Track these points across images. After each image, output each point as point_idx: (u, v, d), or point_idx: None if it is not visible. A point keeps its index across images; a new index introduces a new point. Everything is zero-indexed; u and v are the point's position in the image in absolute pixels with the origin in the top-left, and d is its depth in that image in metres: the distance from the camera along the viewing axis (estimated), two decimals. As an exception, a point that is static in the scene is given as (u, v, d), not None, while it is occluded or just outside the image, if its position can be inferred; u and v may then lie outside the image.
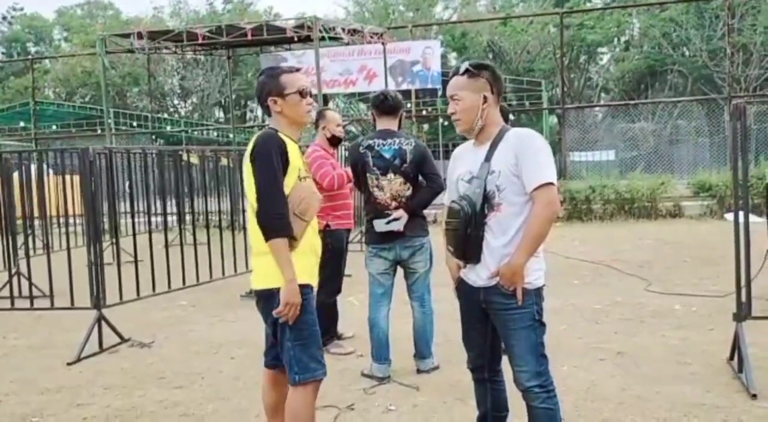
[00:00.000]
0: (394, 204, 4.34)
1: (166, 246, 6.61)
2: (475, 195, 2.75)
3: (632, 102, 25.80)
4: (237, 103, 33.87)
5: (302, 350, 2.88)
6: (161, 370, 4.97)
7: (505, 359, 2.98)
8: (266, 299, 2.90)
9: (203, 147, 12.85)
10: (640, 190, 13.86)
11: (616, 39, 40.75)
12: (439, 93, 20.58)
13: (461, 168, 2.92)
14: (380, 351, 4.45)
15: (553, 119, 30.69)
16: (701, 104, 24.36)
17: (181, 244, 6.86)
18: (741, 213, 4.34)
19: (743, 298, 4.32)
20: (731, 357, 4.53)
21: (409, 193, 4.36)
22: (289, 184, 2.86)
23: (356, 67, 16.41)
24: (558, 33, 20.16)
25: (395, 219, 4.29)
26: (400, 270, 4.56)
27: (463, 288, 2.95)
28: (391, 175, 4.33)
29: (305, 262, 2.93)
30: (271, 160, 2.81)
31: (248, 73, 39.60)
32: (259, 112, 47.98)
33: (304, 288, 2.87)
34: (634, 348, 5.05)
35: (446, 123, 33.67)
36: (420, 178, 4.41)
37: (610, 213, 14.02)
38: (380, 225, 4.29)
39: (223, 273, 7.23)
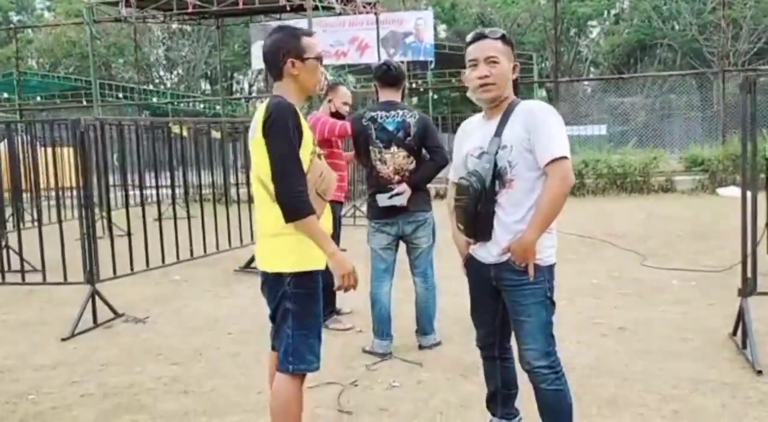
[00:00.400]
0: (397, 178, 4.25)
1: (159, 219, 6.51)
2: (484, 170, 2.67)
3: (625, 76, 25.62)
4: (224, 75, 33.39)
5: (302, 340, 2.73)
6: (158, 346, 4.89)
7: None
8: (273, 281, 2.75)
9: (194, 119, 12.65)
10: (632, 164, 13.83)
11: (606, 12, 40.54)
12: (431, 65, 20.36)
13: (470, 143, 2.82)
14: (382, 326, 4.39)
15: (542, 93, 30.54)
16: (692, 78, 24.28)
17: (174, 218, 6.79)
18: (745, 191, 4.29)
19: (749, 274, 4.28)
20: (734, 333, 4.50)
21: (412, 166, 4.27)
22: (305, 159, 2.67)
23: (347, 38, 16.14)
24: (548, 5, 19.95)
25: (398, 194, 4.21)
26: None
27: (472, 265, 2.87)
28: (394, 149, 4.24)
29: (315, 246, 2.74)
30: (288, 133, 2.59)
31: (235, 45, 39.10)
32: (246, 84, 47.67)
33: (315, 275, 2.74)
34: (634, 323, 5.02)
35: (435, 96, 33.52)
36: (423, 151, 4.32)
37: (602, 187, 14.00)
38: (383, 200, 4.21)
39: (218, 248, 7.15)
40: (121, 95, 31.73)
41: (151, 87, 37.33)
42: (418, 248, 4.40)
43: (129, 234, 6.13)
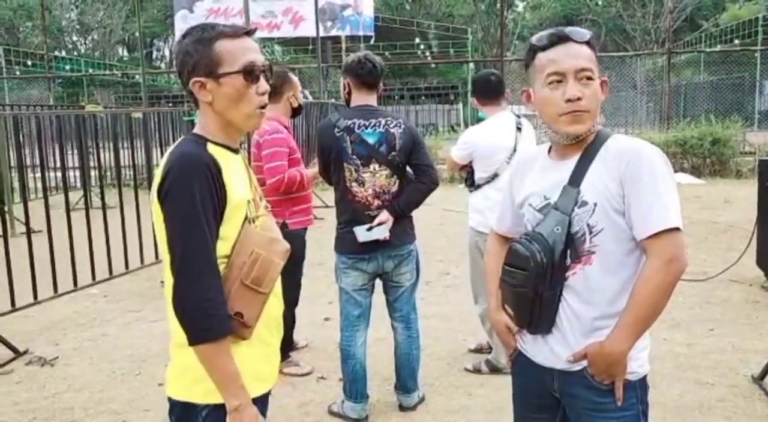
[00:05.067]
0: (376, 202, 3.37)
1: (68, 211, 5.36)
2: (553, 236, 1.83)
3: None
4: (143, 42, 31.35)
5: None
6: (68, 405, 3.90)
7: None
8: (181, 415, 1.81)
9: (151, 109, 11.30)
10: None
11: (532, -15, 40.50)
12: (372, 40, 19.30)
13: (529, 186, 1.98)
14: (356, 386, 3.54)
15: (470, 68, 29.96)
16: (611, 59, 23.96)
17: (87, 208, 5.66)
18: None
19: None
20: (762, 377, 3.90)
21: (395, 188, 3.40)
22: (229, 232, 1.72)
23: (281, 9, 14.93)
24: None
25: (380, 224, 3.34)
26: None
27: (522, 365, 2.04)
28: (374, 166, 3.35)
29: (257, 355, 1.82)
30: (191, 206, 1.64)
31: (155, 10, 36.93)
32: (167, 51, 45.30)
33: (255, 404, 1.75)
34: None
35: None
36: (407, 168, 3.46)
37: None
38: (362, 234, 3.32)
39: (142, 261, 6.11)
40: (29, 62, 29.35)
41: (63, 53, 34.80)
42: (400, 287, 3.55)
43: (29, 232, 4.96)
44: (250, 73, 1.74)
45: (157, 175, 1.70)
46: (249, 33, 1.79)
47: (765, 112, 23.64)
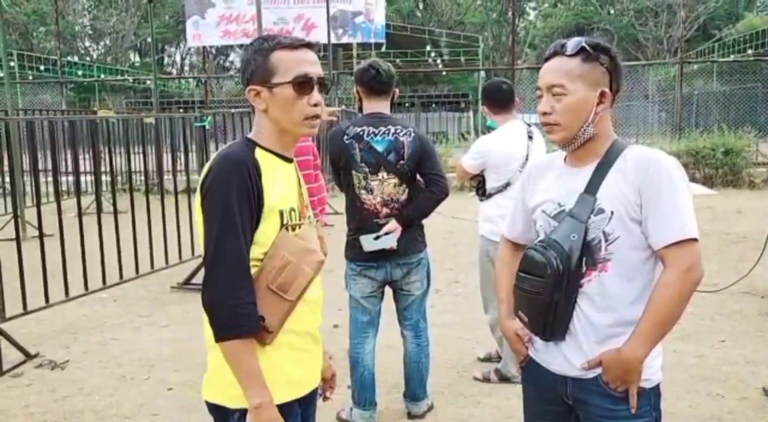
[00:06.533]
0: (385, 211, 3.37)
1: (80, 216, 5.38)
2: (569, 243, 1.83)
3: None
4: (155, 47, 31.60)
5: None
6: (78, 409, 3.92)
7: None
8: (216, 418, 1.84)
9: (163, 115, 11.38)
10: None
11: (545, -6, 40.52)
12: (383, 48, 19.34)
13: (542, 193, 1.99)
14: (365, 393, 3.53)
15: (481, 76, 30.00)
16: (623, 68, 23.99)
17: (98, 213, 5.69)
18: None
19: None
20: (772, 390, 3.88)
21: (404, 197, 3.40)
22: (262, 236, 1.76)
23: (292, 16, 15.00)
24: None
25: (387, 233, 3.33)
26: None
27: (533, 372, 2.04)
28: (383, 174, 3.35)
29: (289, 359, 1.82)
30: (227, 204, 1.69)
31: (166, 16, 37.16)
32: (178, 57, 45.56)
33: (282, 410, 1.75)
34: (650, 371, 4.32)
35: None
36: (417, 176, 3.45)
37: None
38: (369, 243, 3.32)
39: (152, 266, 6.13)
40: (42, 67, 29.58)
41: (75, 59, 35.04)
42: (410, 296, 3.54)
43: (41, 236, 5.00)
44: (300, 85, 1.78)
45: (202, 174, 1.77)
46: (308, 46, 1.83)
47: (778, 122, 23.51)
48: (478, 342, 4.81)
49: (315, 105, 1.81)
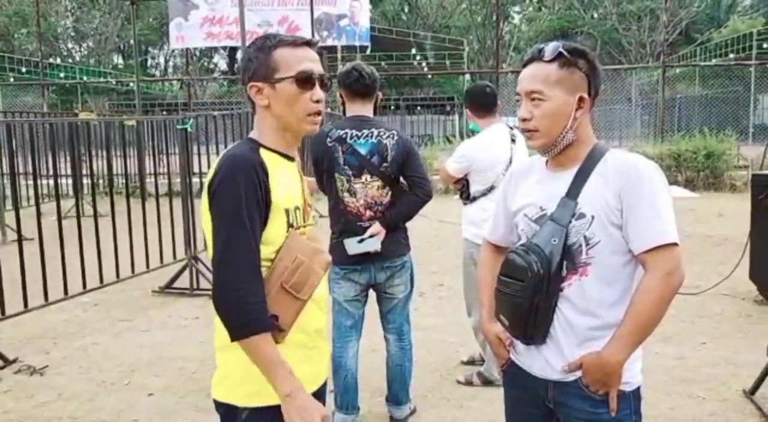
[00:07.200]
0: (368, 213, 3.36)
1: (59, 219, 5.31)
2: (550, 247, 1.83)
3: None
4: (138, 49, 31.35)
5: None
6: (57, 415, 3.86)
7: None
8: (225, 416, 1.85)
9: (145, 117, 11.32)
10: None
11: (529, -2, 40.73)
12: (368, 51, 19.33)
13: (523, 196, 1.99)
14: (347, 398, 3.51)
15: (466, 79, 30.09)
16: (606, 72, 24.20)
17: (78, 216, 5.64)
18: None
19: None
20: (753, 392, 3.90)
21: (387, 200, 3.39)
22: (271, 236, 1.77)
23: (276, 19, 14.94)
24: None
25: (371, 236, 3.32)
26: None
27: (514, 375, 2.03)
28: (366, 177, 3.34)
29: (296, 356, 1.81)
30: (236, 204, 1.69)
31: (150, 18, 36.95)
32: (162, 59, 45.31)
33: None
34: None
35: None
36: (401, 179, 3.44)
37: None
38: (353, 246, 3.31)
39: (133, 270, 6.07)
40: (24, 69, 29.32)
41: (58, 60, 34.76)
42: (393, 298, 3.53)
43: (20, 240, 4.93)
44: (303, 80, 1.80)
45: (209, 175, 1.77)
46: (309, 43, 1.86)
47: (759, 126, 23.78)
48: (462, 345, 4.80)
49: (317, 101, 1.83)
